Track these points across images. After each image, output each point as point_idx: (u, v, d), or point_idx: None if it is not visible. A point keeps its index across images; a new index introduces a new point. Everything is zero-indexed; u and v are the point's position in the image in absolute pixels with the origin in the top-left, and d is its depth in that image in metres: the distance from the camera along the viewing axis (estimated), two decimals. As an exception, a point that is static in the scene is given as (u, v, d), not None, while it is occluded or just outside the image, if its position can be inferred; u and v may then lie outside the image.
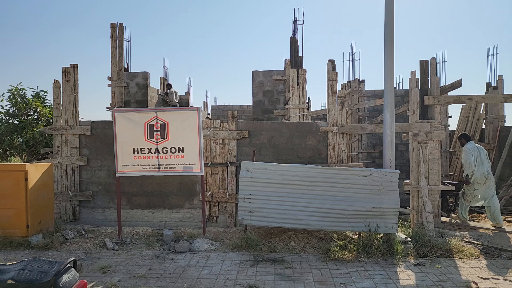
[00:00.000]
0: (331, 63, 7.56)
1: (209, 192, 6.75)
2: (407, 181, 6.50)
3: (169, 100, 12.54)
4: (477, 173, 6.68)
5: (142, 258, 4.92)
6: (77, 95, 6.95)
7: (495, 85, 13.03)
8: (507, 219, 8.66)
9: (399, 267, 4.51)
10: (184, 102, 14.06)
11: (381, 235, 5.38)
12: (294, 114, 9.49)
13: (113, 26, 10.62)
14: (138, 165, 5.61)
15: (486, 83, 13.42)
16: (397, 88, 15.90)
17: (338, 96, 7.24)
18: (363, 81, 13.10)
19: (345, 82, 13.59)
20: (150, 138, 5.55)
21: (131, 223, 6.75)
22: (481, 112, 13.99)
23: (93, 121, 6.94)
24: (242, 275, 4.30)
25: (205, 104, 19.16)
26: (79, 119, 7.01)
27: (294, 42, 10.25)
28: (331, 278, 4.20)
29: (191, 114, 5.58)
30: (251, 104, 11.14)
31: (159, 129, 5.54)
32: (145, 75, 10.77)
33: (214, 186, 6.79)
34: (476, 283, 3.98)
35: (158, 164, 5.58)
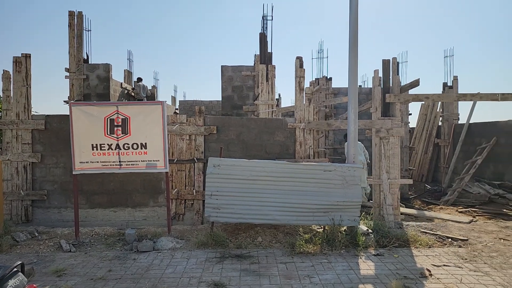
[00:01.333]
0: (299, 60, 7.62)
1: (175, 190, 6.59)
2: (370, 176, 6.72)
3: (136, 93, 12.10)
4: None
5: (102, 259, 4.71)
6: (30, 87, 6.50)
7: (451, 85, 13.80)
8: (459, 210, 9.24)
9: (360, 258, 4.66)
10: (151, 97, 13.64)
11: (345, 227, 5.53)
12: (264, 110, 9.51)
13: (71, 14, 10.05)
14: (98, 162, 5.35)
15: (443, 83, 14.19)
16: (362, 86, 16.42)
17: (305, 93, 7.34)
18: (330, 78, 13.42)
19: (314, 79, 13.83)
20: (110, 133, 5.31)
21: (91, 223, 6.44)
22: (438, 110, 14.79)
23: (47, 115, 6.52)
24: (207, 272, 4.24)
25: (173, 98, 18.74)
26: (32, 112, 6.57)
27: (263, 38, 10.25)
28: (296, 271, 4.25)
29: (155, 108, 5.39)
30: (221, 99, 11.02)
31: (120, 124, 5.30)
32: (107, 67, 10.29)
33: (181, 183, 6.64)
34: (429, 271, 4.20)
35: (119, 161, 5.35)
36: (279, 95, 20.17)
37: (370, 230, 5.46)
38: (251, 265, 4.46)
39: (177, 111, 16.11)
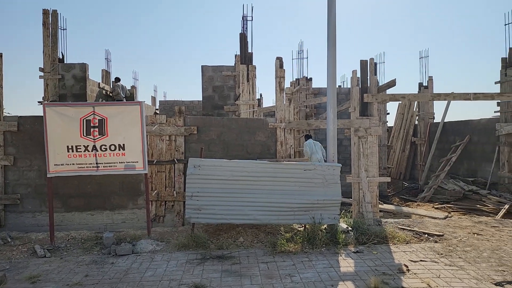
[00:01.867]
0: (279, 60, 7.66)
1: (155, 191, 6.49)
2: (349, 175, 6.83)
3: (115, 94, 11.81)
4: (313, 159, 8.69)
5: (78, 264, 4.58)
6: (1, 88, 6.24)
7: (426, 85, 14.22)
8: (435, 206, 9.54)
9: (341, 256, 4.73)
10: (130, 97, 13.37)
11: (325, 226, 5.60)
12: (245, 110, 9.50)
13: (45, 12, 9.71)
14: (73, 164, 5.20)
15: (419, 83, 14.60)
16: (342, 87, 16.65)
17: (286, 93, 7.38)
18: (310, 79, 13.53)
19: (294, 79, 13.93)
20: (86, 134, 5.17)
21: (68, 227, 6.25)
22: (414, 110, 15.22)
23: (20, 116, 6.28)
24: (188, 274, 4.19)
25: (153, 99, 18.43)
26: (5, 114, 6.30)
27: (243, 38, 10.23)
28: (277, 270, 4.27)
29: (133, 109, 5.29)
30: (201, 99, 10.92)
31: (96, 125, 5.18)
32: (83, 67, 10.01)
33: (161, 184, 6.54)
34: (407, 266, 4.31)
35: (96, 163, 5.22)
36: (261, 95, 20.17)
37: (350, 228, 5.55)
38: (232, 265, 4.44)
39: (158, 112, 15.86)
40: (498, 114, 10.61)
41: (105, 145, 5.22)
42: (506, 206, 8.43)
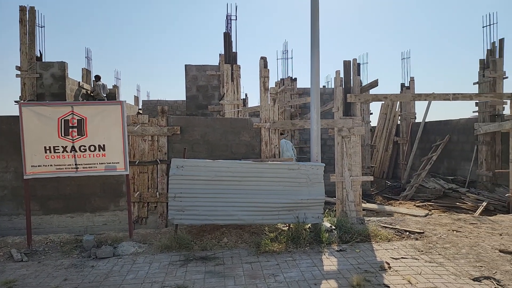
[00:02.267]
0: (263, 60, 7.65)
1: (138, 192, 6.37)
2: (333, 175, 6.89)
3: (96, 93, 11.56)
4: (284, 156, 8.65)
5: (57, 268, 4.45)
6: (-25, 87, 6.00)
7: (408, 85, 14.51)
8: (417, 204, 9.74)
9: (324, 254, 4.76)
10: (111, 96, 13.11)
11: (309, 225, 5.62)
12: (229, 110, 9.46)
13: (22, 9, 9.42)
14: (52, 165, 5.05)
15: (401, 83, 14.90)
16: (326, 87, 16.83)
17: (270, 93, 7.38)
18: (295, 79, 13.60)
19: (279, 79, 13.97)
20: (65, 135, 5.02)
21: (46, 230, 6.07)
22: (397, 110, 15.51)
23: (-4, 116, 6.06)
24: (170, 276, 4.13)
25: (136, 98, 18.16)
26: (-22, 114, 6.07)
27: (227, 38, 10.20)
28: (261, 270, 4.26)
29: (113, 108, 5.18)
30: (185, 99, 10.81)
31: (75, 125, 5.04)
32: (62, 65, 9.74)
33: (143, 185, 6.43)
34: (388, 263, 4.37)
35: (76, 164, 5.08)
36: (246, 95, 20.17)
37: (333, 227, 5.59)
38: (216, 266, 4.40)
39: (141, 111, 15.62)
40: (477, 114, 10.93)
41: (85, 146, 5.09)
42: (484, 204, 8.68)
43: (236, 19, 9.70)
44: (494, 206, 8.69)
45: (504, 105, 10.16)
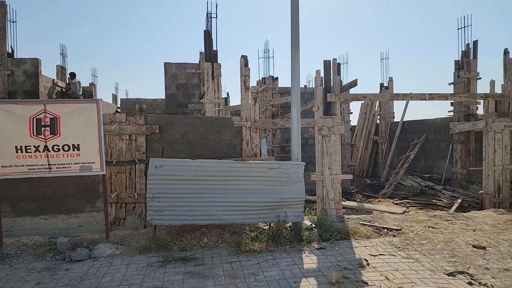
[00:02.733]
0: (244, 58, 7.62)
1: (115, 193, 6.23)
2: (313, 173, 6.94)
3: (71, 92, 11.20)
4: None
5: (29, 271, 4.27)
6: None
7: (387, 85, 14.82)
8: (395, 202, 9.96)
9: (304, 253, 4.78)
10: (88, 94, 12.75)
11: (290, 223, 5.64)
12: (210, 109, 9.37)
13: (-8, 3, 9.02)
14: (23, 165, 4.84)
15: (380, 83, 15.19)
16: (307, 86, 16.97)
17: (251, 92, 7.36)
18: (277, 78, 13.64)
19: (260, 78, 13.97)
20: (37, 134, 4.83)
21: (18, 232, 5.83)
22: (376, 109, 15.81)
23: (-37, 114, 5.76)
24: (148, 278, 4.05)
25: (114, 96, 17.74)
26: None
27: (208, 36, 10.09)
28: (241, 270, 4.23)
29: (88, 107, 5.01)
30: (165, 97, 10.64)
31: (48, 124, 4.85)
32: (35, 62, 9.39)
33: (121, 185, 6.28)
34: (367, 260, 4.44)
35: (49, 164, 4.90)
36: (228, 94, 20.12)
37: (313, 225, 5.63)
38: (195, 267, 4.35)
39: (119, 110, 15.27)
40: (452, 113, 11.27)
41: (58, 145, 4.90)
42: (459, 201, 8.97)
43: (216, 17, 9.63)
44: (468, 203, 8.99)
45: (477, 105, 10.52)
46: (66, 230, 6.04)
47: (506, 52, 8.62)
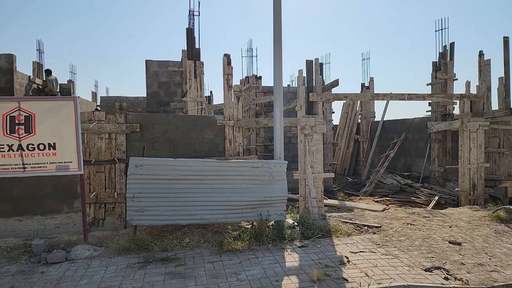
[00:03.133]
0: (227, 57, 7.58)
1: (94, 193, 6.07)
2: (296, 172, 6.98)
3: (48, 89, 10.83)
4: None
5: (2, 275, 4.11)
6: None
7: (368, 85, 15.07)
8: (375, 200, 10.14)
9: (286, 251, 4.80)
10: (66, 92, 12.38)
11: (272, 222, 5.65)
12: (192, 108, 9.27)
13: (-38, -5, 8.61)
14: (-4, 165, 4.65)
15: (361, 83, 15.43)
16: (291, 86, 17.04)
17: (234, 91, 7.33)
18: (260, 77, 13.63)
19: (244, 77, 13.93)
20: (10, 133, 4.64)
21: (-9, 235, 5.60)
22: (357, 109, 16.05)
23: None
24: (128, 279, 3.97)
25: (94, 94, 17.32)
26: None
27: (190, 33, 9.98)
28: (223, 269, 4.21)
29: (65, 104, 4.87)
30: (146, 96, 10.46)
31: (22, 122, 4.67)
32: (10, 58, 9.03)
33: (100, 185, 6.14)
34: (347, 258, 4.50)
35: (23, 164, 4.72)
36: (211, 93, 19.96)
37: (295, 223, 5.67)
38: (176, 267, 4.29)
39: (99, 108, 14.91)
40: (430, 113, 11.58)
41: (33, 144, 4.74)
42: (436, 198, 9.23)
43: (199, 15, 9.55)
44: (445, 200, 9.26)
45: (454, 105, 10.84)
46: (42, 231, 5.84)
47: (481, 54, 8.92)
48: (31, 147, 4.74)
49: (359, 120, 15.75)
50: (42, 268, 4.31)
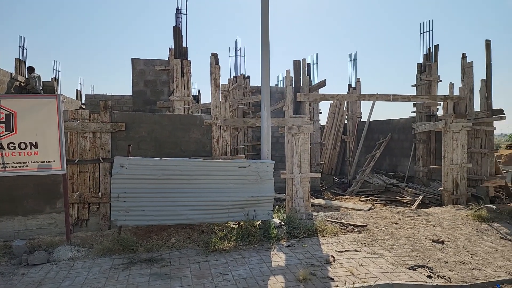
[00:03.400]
0: (214, 56, 7.54)
1: (77, 193, 5.95)
2: (283, 172, 7.00)
3: (30, 87, 10.56)
4: None
5: (-20, 278, 3.99)
6: None
7: (355, 86, 15.23)
8: (361, 199, 10.25)
9: (273, 251, 4.81)
10: (49, 90, 12.10)
11: (259, 222, 5.65)
12: (179, 107, 9.18)
13: None
14: (-26, 164, 4.51)
15: (348, 84, 15.57)
16: (278, 86, 17.07)
17: (221, 90, 7.30)
18: (248, 77, 13.61)
19: (232, 77, 13.89)
20: (-10, 131, 4.51)
21: (-31, 237, 5.43)
22: (344, 109, 16.21)
23: None
24: (112, 281, 3.90)
25: (79, 92, 16.95)
26: None
27: (177, 32, 9.88)
28: (209, 270, 4.19)
29: (48, 102, 4.75)
30: (132, 94, 10.31)
31: (3, 120, 4.54)
32: (-10, 55, 8.78)
33: (84, 185, 6.01)
34: (333, 257, 4.53)
35: (3, 163, 4.59)
36: (199, 92, 19.80)
37: (282, 223, 5.68)
38: (162, 268, 4.25)
39: (83, 107, 14.62)
40: (415, 114, 11.78)
41: (14, 143, 4.60)
42: (420, 197, 9.39)
43: (186, 14, 9.45)
44: (429, 199, 9.44)
45: (438, 106, 11.06)
46: (24, 232, 5.69)
47: (464, 56, 9.12)
48: (11, 146, 4.60)
49: (346, 121, 15.90)
50: (23, 270, 4.20)
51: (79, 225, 5.96)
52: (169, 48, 9.86)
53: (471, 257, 4.69)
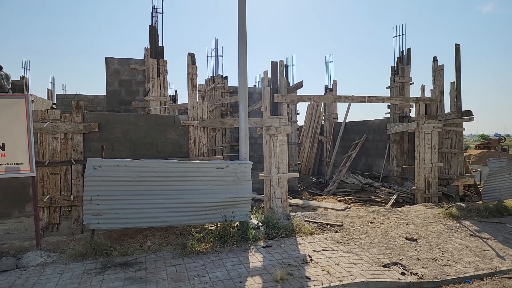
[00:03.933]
0: (191, 56, 7.46)
1: (48, 196, 5.72)
2: (261, 172, 7.01)
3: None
4: None
5: None
6: None
7: (331, 87, 15.49)
8: (338, 199, 10.44)
9: (251, 251, 4.80)
10: (18, 89, 11.56)
11: (237, 223, 5.63)
12: (155, 107, 9.02)
13: None
14: None
15: (325, 86, 15.83)
16: (257, 86, 17.11)
17: (198, 90, 7.22)
18: (226, 77, 13.55)
19: (209, 77, 13.79)
20: (-49, 131, 4.26)
21: None
22: (321, 110, 16.45)
23: None
24: (84, 286, 3.77)
25: (50, 92, 16.33)
26: None
27: (153, 31, 9.70)
28: (186, 272, 4.13)
29: (16, 102, 4.54)
30: (106, 94, 10.02)
31: (-34, 120, 4.30)
32: (-48, 51, 8.31)
33: (55, 188, 5.79)
34: (310, 256, 4.59)
35: (-34, 165, 4.34)
36: (176, 92, 19.53)
37: (260, 223, 5.68)
38: (137, 272, 4.15)
39: (55, 106, 14.09)
40: (389, 115, 12.12)
41: (-22, 144, 4.37)
42: (394, 196, 9.67)
43: (162, 13, 9.29)
44: (402, 198, 9.73)
45: (411, 108, 11.42)
46: (-11, 238, 5.41)
47: (435, 60, 9.48)
48: (-25, 148, 4.37)
49: (323, 121, 16.15)
50: (-13, 278, 3.99)
51: (50, 229, 5.73)
52: (145, 48, 9.67)
53: (443, 254, 4.87)
